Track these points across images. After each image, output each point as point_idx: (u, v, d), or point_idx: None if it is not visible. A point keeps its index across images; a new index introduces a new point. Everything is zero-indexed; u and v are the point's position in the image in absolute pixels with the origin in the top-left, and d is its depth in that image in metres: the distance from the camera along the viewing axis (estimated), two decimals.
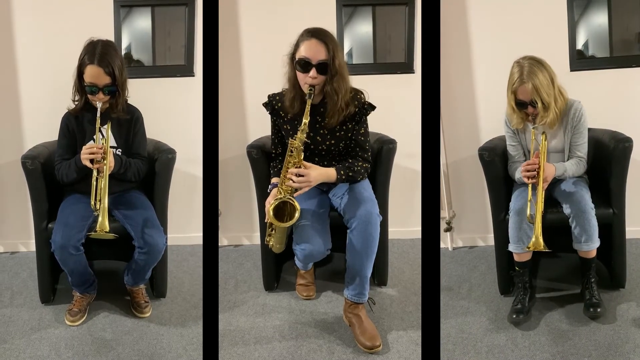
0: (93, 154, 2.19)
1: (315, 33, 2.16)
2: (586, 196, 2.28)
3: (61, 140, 2.38)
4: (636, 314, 2.30)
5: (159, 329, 2.32)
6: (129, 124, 2.41)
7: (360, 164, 2.31)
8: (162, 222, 2.40)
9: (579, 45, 2.99)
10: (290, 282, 2.71)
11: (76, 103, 2.35)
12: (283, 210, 2.17)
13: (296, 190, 2.16)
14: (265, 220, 2.23)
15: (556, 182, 2.43)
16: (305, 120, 2.12)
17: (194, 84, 3.07)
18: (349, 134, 2.31)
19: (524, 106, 2.29)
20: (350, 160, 2.32)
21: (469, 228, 3.17)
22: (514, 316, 2.28)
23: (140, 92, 2.51)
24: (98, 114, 2.25)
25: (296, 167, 2.16)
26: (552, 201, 2.39)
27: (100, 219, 2.16)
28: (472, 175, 2.97)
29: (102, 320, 2.37)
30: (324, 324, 2.37)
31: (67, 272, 2.31)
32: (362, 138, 2.33)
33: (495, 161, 2.41)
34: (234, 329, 2.33)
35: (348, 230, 2.21)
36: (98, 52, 2.23)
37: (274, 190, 2.23)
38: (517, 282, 2.36)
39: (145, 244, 2.26)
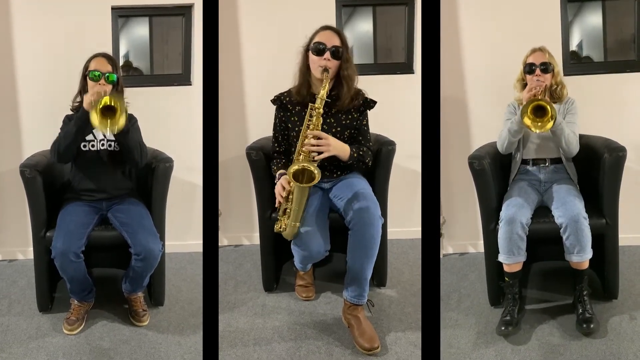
0: (96, 90, 2.23)
1: (330, 26, 2.37)
2: (579, 205, 2.24)
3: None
4: (629, 327, 2.25)
5: (157, 338, 2.32)
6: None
7: (365, 149, 2.38)
8: (159, 230, 2.41)
9: (573, 46, 2.99)
10: (289, 282, 2.72)
11: (77, 104, 2.44)
12: (300, 178, 2.17)
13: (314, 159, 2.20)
14: (277, 205, 2.26)
15: (548, 188, 2.44)
16: (323, 90, 2.19)
17: (191, 93, 3.09)
18: (354, 123, 2.38)
19: (532, 71, 2.43)
20: (356, 145, 2.38)
21: (459, 234, 3.14)
22: (503, 328, 2.23)
23: (138, 101, 2.53)
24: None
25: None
26: (542, 210, 2.37)
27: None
28: (462, 181, 2.93)
29: (100, 329, 2.37)
30: (323, 325, 2.37)
31: (66, 280, 2.32)
32: (366, 128, 2.42)
33: (486, 170, 2.36)
34: (233, 330, 2.33)
35: (349, 232, 2.22)
36: (103, 52, 2.46)
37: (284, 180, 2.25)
38: (506, 293, 2.32)
39: (141, 250, 2.28)
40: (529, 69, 2.45)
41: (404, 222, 3.13)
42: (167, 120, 3.07)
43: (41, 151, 2.62)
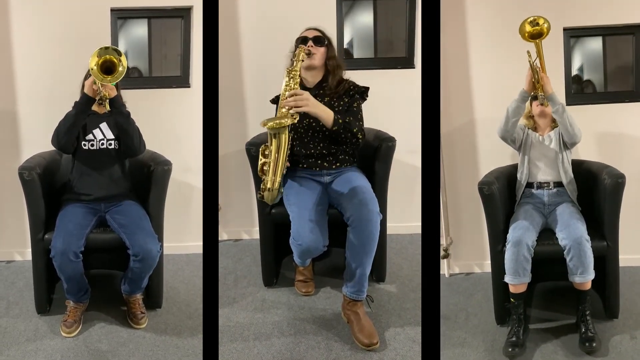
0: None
1: (312, 27, 2.45)
2: (582, 228, 2.29)
3: None
4: (630, 345, 2.27)
5: (155, 340, 2.32)
6: None
7: (351, 119, 2.34)
8: (158, 232, 2.42)
9: (575, 71, 2.99)
10: (289, 277, 2.73)
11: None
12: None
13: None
14: (259, 173, 2.23)
15: (552, 210, 2.48)
16: (301, 54, 2.28)
17: (190, 95, 3.09)
18: (345, 107, 2.37)
19: (535, 98, 2.55)
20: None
21: (465, 254, 3.09)
22: (510, 350, 2.24)
23: (136, 103, 2.53)
24: (100, 89, 2.30)
25: None
26: (546, 232, 2.41)
27: None
28: (469, 201, 2.92)
29: (98, 331, 2.37)
30: (323, 320, 2.39)
31: (63, 280, 2.32)
32: (355, 109, 2.39)
33: (494, 194, 2.41)
34: (233, 325, 2.35)
35: (348, 228, 2.23)
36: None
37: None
38: (512, 313, 2.34)
39: (140, 251, 2.29)
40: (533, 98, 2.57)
41: (403, 217, 3.13)
42: (166, 122, 3.07)
43: (40, 153, 2.62)
